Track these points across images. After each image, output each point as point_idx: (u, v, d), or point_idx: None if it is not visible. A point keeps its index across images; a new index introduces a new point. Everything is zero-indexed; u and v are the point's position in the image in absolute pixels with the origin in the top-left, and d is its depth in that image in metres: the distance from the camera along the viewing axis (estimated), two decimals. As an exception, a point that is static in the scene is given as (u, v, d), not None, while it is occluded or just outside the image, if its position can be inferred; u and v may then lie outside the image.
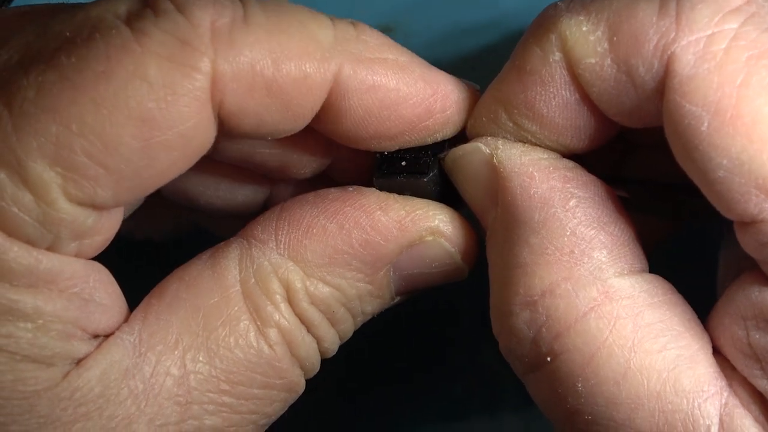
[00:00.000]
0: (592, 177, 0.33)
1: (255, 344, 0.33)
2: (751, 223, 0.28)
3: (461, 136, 0.36)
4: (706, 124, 0.27)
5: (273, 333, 0.33)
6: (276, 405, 0.34)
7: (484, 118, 0.34)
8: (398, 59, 0.33)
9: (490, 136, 0.34)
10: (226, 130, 0.31)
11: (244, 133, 0.32)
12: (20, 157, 0.28)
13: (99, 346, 0.31)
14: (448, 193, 0.36)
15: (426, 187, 0.35)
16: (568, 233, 0.31)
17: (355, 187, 0.35)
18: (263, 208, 0.41)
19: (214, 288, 0.33)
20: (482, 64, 0.48)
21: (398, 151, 0.35)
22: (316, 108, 0.32)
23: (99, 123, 0.28)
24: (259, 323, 0.33)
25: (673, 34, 0.28)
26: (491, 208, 0.34)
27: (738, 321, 0.30)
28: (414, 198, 0.35)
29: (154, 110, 0.29)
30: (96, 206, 0.30)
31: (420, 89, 0.33)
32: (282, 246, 0.34)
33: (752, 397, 0.29)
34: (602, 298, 0.30)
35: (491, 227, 0.34)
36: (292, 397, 0.35)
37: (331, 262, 0.34)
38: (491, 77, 0.47)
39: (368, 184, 0.36)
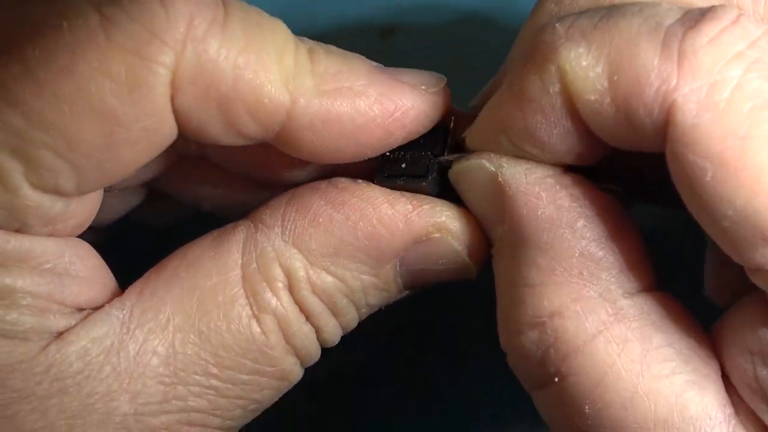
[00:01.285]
0: (597, 192, 0.33)
1: (248, 330, 0.32)
2: (758, 269, 0.28)
3: (460, 125, 0.36)
4: (710, 175, 0.27)
5: (268, 319, 0.33)
6: (266, 392, 0.34)
7: (482, 138, 0.34)
8: (354, 86, 0.33)
9: (492, 152, 0.34)
10: None
11: (187, 133, 0.31)
12: None
13: (84, 319, 0.31)
14: (449, 193, 0.36)
15: (426, 190, 0.35)
16: (576, 254, 0.31)
17: (365, 181, 0.35)
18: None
19: (214, 269, 0.33)
20: (482, 64, 0.47)
21: (399, 150, 0.35)
22: (265, 136, 0.32)
23: (61, 119, 0.28)
24: (255, 309, 0.33)
25: (675, 80, 0.28)
26: (498, 223, 0.34)
27: (744, 354, 0.30)
28: (422, 195, 0.35)
29: (116, 107, 0.29)
30: (61, 194, 0.30)
31: (377, 114, 0.33)
32: (287, 233, 0.33)
33: (758, 430, 0.29)
34: (611, 321, 0.30)
35: (498, 243, 0.34)
36: (286, 386, 0.35)
37: (335, 253, 0.34)
38: (491, 77, 0.47)
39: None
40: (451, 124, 0.36)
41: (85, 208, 0.31)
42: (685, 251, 0.36)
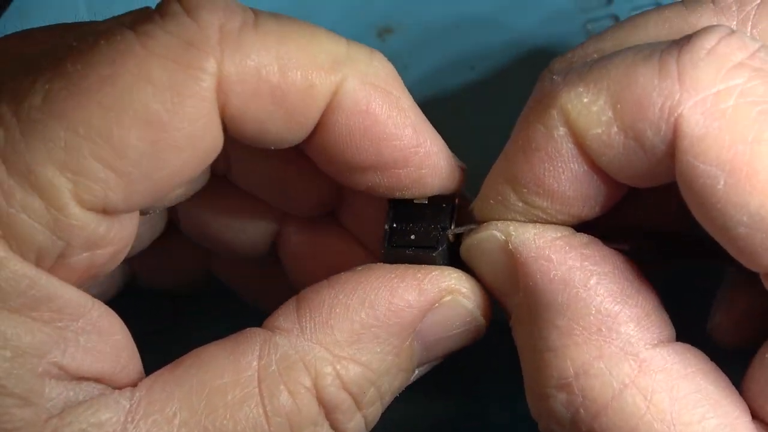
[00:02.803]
0: (608, 250, 0.33)
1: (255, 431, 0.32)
2: None
3: (464, 210, 0.37)
4: (722, 183, 0.28)
5: (280, 422, 0.32)
6: None
7: (491, 201, 0.34)
8: (400, 99, 0.34)
9: (499, 218, 0.35)
10: (229, 135, 0.32)
11: (246, 138, 0.32)
12: (29, 162, 0.28)
13: (89, 401, 0.30)
14: (457, 266, 0.37)
15: (435, 261, 0.36)
16: (593, 312, 0.32)
17: (363, 266, 0.35)
18: (270, 250, 0.42)
19: (227, 369, 0.32)
20: (482, 64, 0.48)
21: (406, 222, 0.36)
22: (318, 118, 0.33)
23: (106, 126, 0.29)
24: (268, 410, 0.32)
25: (678, 95, 0.28)
26: (513, 293, 0.34)
27: None
28: (423, 265, 0.35)
29: (160, 112, 0.29)
30: (107, 211, 0.30)
31: (406, 136, 0.34)
32: (307, 331, 0.33)
33: None
34: (636, 373, 0.31)
35: (516, 312, 0.34)
36: None
37: (359, 339, 0.33)
38: (491, 77, 0.47)
39: (377, 232, 0.37)
40: (456, 201, 0.37)
41: (124, 235, 0.31)
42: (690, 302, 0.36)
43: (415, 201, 0.36)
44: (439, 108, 0.35)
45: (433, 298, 0.35)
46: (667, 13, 0.35)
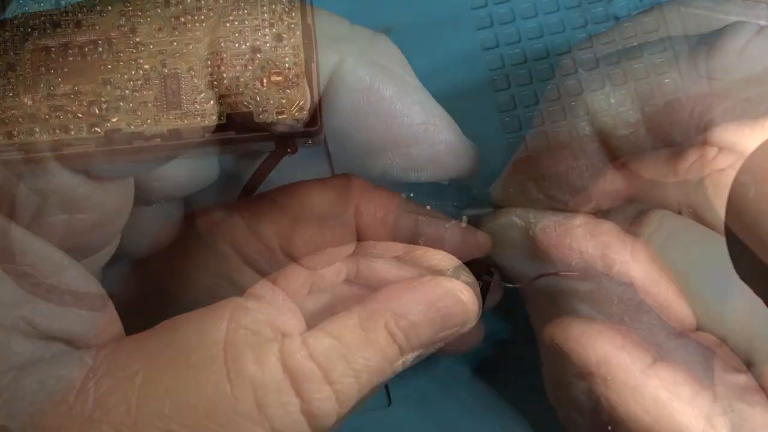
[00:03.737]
0: (629, 237, 0.33)
1: (215, 392, 0.30)
2: None
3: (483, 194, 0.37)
4: (753, 191, 0.27)
5: (243, 385, 0.30)
6: None
7: (511, 190, 0.34)
8: (405, 77, 0.33)
9: (518, 205, 0.34)
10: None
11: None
12: None
13: (51, 357, 0.30)
14: None
15: None
16: (615, 301, 0.32)
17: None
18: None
19: (193, 332, 0.31)
20: (482, 63, 0.47)
21: (423, 196, 0.36)
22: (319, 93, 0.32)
23: None
24: (232, 372, 0.30)
25: (708, 100, 0.28)
26: (535, 278, 0.34)
27: None
28: (406, 244, 0.35)
29: None
30: (90, 174, 0.30)
31: (414, 113, 0.33)
32: (279, 299, 0.33)
33: None
34: (659, 364, 0.31)
35: (537, 300, 0.34)
36: None
37: (331, 311, 0.32)
38: (491, 76, 0.47)
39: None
40: (475, 191, 0.37)
41: (107, 201, 0.31)
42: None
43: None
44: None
45: (411, 274, 0.34)
46: (692, 11, 0.35)
